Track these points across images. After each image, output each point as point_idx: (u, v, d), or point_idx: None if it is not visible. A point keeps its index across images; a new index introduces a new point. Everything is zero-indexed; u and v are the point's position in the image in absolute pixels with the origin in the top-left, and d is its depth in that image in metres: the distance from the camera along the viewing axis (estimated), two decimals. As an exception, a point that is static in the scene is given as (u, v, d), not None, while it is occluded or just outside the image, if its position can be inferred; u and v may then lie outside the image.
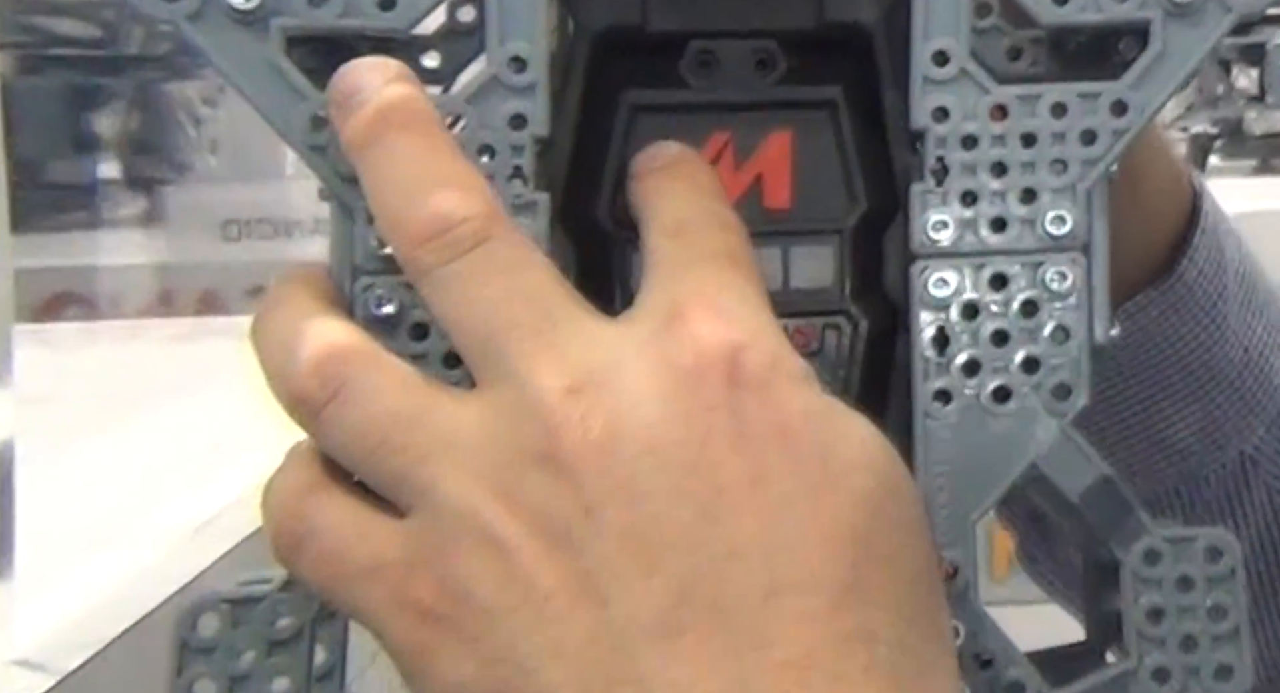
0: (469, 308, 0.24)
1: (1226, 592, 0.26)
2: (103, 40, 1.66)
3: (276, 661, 0.25)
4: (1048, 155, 0.27)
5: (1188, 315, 0.39)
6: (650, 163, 0.27)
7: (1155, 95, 0.27)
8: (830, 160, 0.28)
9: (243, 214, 1.65)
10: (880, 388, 0.28)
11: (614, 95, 0.28)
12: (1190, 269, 0.39)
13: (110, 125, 1.73)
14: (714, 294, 0.24)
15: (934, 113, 0.27)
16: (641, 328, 0.24)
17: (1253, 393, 0.40)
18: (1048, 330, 0.26)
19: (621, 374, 0.23)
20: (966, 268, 0.26)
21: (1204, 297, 0.39)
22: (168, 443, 0.88)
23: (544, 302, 0.24)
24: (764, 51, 0.28)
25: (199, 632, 0.25)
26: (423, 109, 0.24)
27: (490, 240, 0.24)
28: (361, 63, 0.25)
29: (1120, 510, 0.27)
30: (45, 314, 1.47)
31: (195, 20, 0.25)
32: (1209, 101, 2.12)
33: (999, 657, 0.26)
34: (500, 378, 0.23)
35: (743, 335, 0.24)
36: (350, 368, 0.24)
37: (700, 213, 0.26)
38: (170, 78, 1.71)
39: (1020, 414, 0.26)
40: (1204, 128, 2.13)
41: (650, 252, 0.25)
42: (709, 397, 0.23)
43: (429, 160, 0.24)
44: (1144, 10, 0.27)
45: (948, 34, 0.27)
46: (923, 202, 0.27)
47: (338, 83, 0.24)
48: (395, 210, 0.24)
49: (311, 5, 0.25)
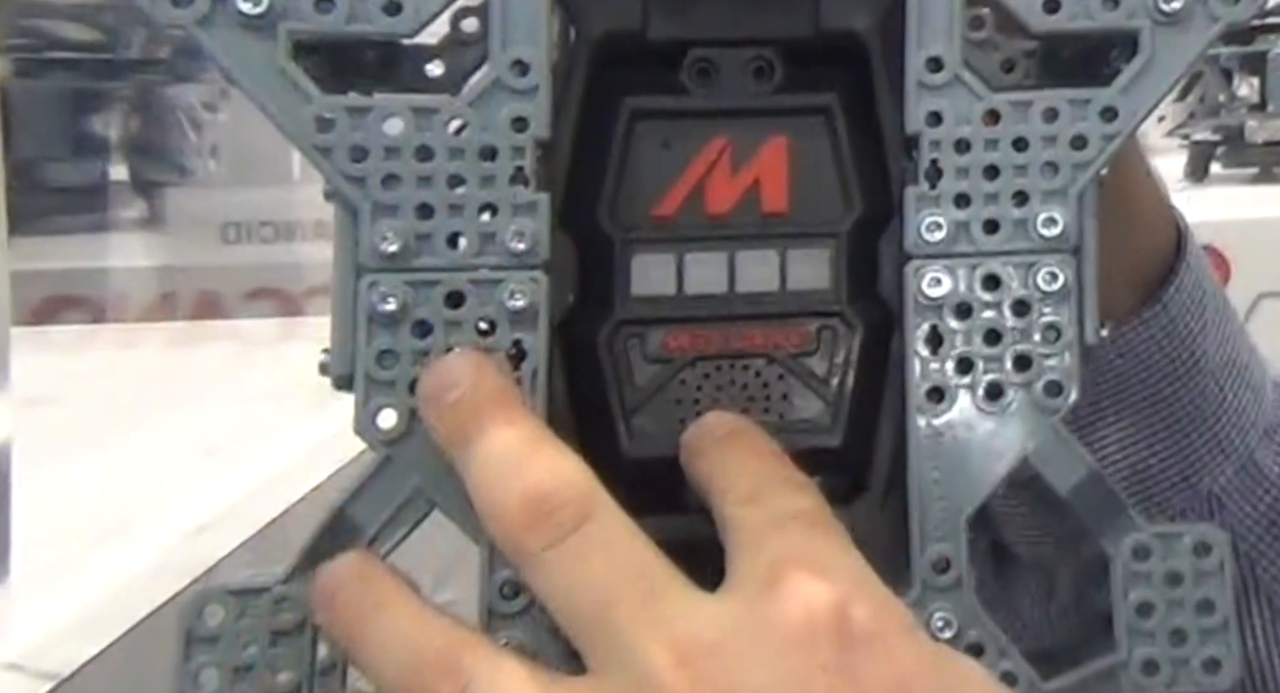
0: (575, 589, 0.24)
1: (1214, 586, 0.27)
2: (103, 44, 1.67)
3: (280, 651, 0.26)
4: (1039, 159, 0.27)
5: (1170, 346, 0.40)
6: (707, 437, 0.27)
7: (1144, 101, 0.28)
8: (827, 165, 0.29)
9: (242, 217, 1.66)
10: (876, 388, 0.29)
11: (614, 100, 0.29)
12: (1175, 298, 0.40)
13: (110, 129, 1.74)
14: (807, 553, 0.24)
15: (928, 117, 0.27)
16: (743, 594, 0.24)
17: (1226, 432, 0.41)
18: (1039, 329, 0.27)
19: (730, 642, 0.23)
20: (960, 268, 0.27)
21: (1186, 329, 0.40)
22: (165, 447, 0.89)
23: (647, 577, 0.24)
24: (762, 59, 0.29)
25: (204, 622, 0.26)
26: (513, 398, 0.25)
27: (590, 520, 0.24)
28: (451, 358, 0.25)
29: (1110, 507, 0.27)
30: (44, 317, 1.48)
31: (205, 25, 0.26)
32: (1211, 110, 2.13)
33: (990, 649, 0.26)
34: (611, 657, 0.24)
35: (845, 591, 0.24)
36: (472, 662, 0.24)
37: (771, 478, 0.26)
38: (171, 82, 1.71)
39: (1012, 411, 0.27)
40: (1205, 136, 2.14)
41: (728, 521, 0.26)
42: (821, 657, 0.23)
43: (524, 449, 0.25)
44: (1133, 19, 0.27)
45: (941, 41, 0.27)
46: (917, 204, 0.27)
47: (429, 378, 0.25)
48: (495, 499, 0.25)
49: (318, 10, 0.26)
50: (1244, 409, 0.41)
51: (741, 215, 0.28)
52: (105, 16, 1.67)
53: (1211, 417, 0.40)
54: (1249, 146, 2.09)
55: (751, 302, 0.29)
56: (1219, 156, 2.13)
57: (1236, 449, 0.41)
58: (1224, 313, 0.42)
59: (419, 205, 0.26)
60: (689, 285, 0.28)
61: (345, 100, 0.26)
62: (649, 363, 0.29)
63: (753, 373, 0.29)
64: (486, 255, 0.26)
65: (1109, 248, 0.28)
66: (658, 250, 0.28)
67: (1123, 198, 0.38)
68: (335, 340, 0.26)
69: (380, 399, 0.26)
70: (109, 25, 1.68)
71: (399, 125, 0.26)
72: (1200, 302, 0.40)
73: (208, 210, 1.67)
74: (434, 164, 0.26)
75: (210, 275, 1.60)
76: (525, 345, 0.26)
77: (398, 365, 0.26)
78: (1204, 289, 0.41)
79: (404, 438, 0.26)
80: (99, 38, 1.69)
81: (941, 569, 0.26)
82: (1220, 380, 0.41)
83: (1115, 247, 0.37)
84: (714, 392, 0.29)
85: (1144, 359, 0.40)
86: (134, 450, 0.87)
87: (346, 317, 0.26)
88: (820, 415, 0.29)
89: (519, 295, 0.26)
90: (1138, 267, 0.40)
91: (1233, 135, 2.10)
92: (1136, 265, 0.40)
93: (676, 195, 0.28)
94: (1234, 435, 0.41)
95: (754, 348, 0.29)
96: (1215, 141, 2.12)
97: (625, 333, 0.28)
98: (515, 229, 0.26)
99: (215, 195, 1.70)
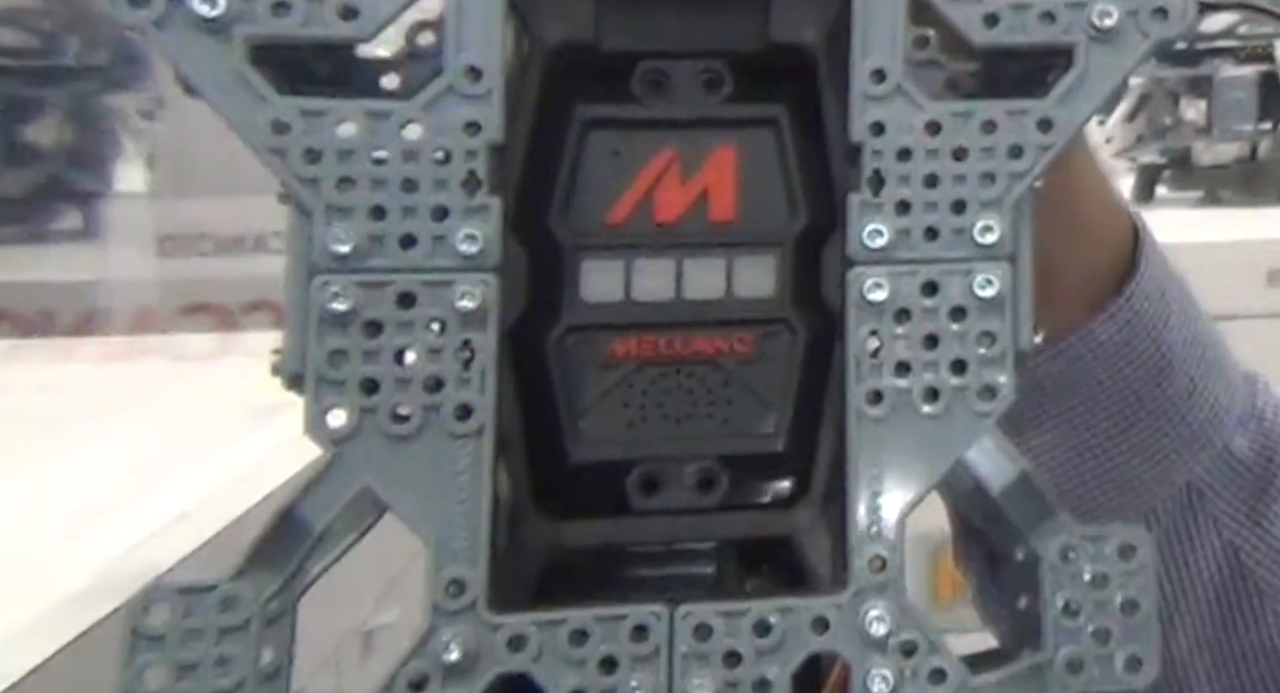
0: None
1: (1139, 587, 0.28)
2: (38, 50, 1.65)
3: (226, 650, 0.26)
4: (977, 169, 0.29)
5: (1136, 340, 0.41)
6: None
7: (1078, 113, 0.29)
8: (774, 175, 0.30)
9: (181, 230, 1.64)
10: (818, 393, 0.30)
11: (567, 109, 0.30)
12: (1137, 295, 0.41)
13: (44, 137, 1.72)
14: None
15: (871, 127, 0.29)
16: None
17: (1199, 423, 0.42)
18: (975, 334, 0.28)
19: None
20: (900, 275, 0.28)
21: (1150, 323, 0.41)
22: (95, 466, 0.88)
23: None
24: (712, 71, 0.30)
25: (150, 620, 0.26)
26: None
27: None
28: None
29: (1039, 508, 0.29)
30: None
31: (161, 26, 0.26)
32: (1157, 133, 2.17)
33: (922, 646, 0.27)
34: None
35: None
36: None
37: None
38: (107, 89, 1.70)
39: (948, 413, 0.28)
40: (1152, 158, 2.18)
41: None
42: None
43: None
44: (1068, 34, 0.29)
45: (885, 53, 0.29)
46: (860, 211, 0.28)
47: None
48: None
49: (275, 14, 0.26)
50: (1216, 400, 0.42)
51: (690, 223, 0.29)
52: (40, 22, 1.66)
53: (1184, 409, 0.42)
54: (1195, 169, 2.13)
55: (698, 308, 0.30)
56: (1165, 179, 2.18)
57: (1211, 440, 0.42)
58: (1189, 306, 0.43)
59: (372, 207, 0.27)
60: (637, 292, 0.29)
61: (301, 103, 0.27)
62: (596, 368, 0.30)
63: (698, 379, 0.30)
64: (438, 257, 0.27)
65: (1063, 253, 0.29)
66: (607, 257, 0.29)
67: (1073, 203, 0.39)
68: (288, 341, 0.27)
69: (330, 398, 0.26)
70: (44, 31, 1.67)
71: (353, 129, 0.27)
72: (1163, 297, 0.42)
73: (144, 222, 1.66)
74: (387, 167, 0.27)
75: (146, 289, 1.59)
76: (475, 345, 0.27)
77: (348, 365, 0.26)
78: (1166, 285, 0.42)
79: (353, 437, 0.26)
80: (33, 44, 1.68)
81: (878, 568, 0.27)
82: (1191, 373, 0.42)
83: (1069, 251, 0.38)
84: (660, 397, 0.30)
85: (1112, 356, 0.41)
86: (58, 468, 0.86)
87: (299, 317, 0.27)
88: (764, 421, 0.30)
89: (469, 297, 0.27)
90: (1095, 264, 0.41)
91: (1179, 158, 2.14)
92: (1094, 263, 0.41)
93: (626, 203, 0.29)
94: (1208, 427, 0.42)
95: (700, 354, 0.30)
96: (1162, 164, 2.16)
97: (574, 338, 0.29)
98: (467, 232, 0.27)
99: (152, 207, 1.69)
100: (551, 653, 0.26)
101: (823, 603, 0.27)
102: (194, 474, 0.83)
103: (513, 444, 0.29)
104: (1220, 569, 0.43)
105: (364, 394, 0.26)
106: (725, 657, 0.27)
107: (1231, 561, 0.43)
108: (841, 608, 0.27)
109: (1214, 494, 0.42)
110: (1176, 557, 0.43)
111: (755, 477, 0.31)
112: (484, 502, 0.27)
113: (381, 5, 0.27)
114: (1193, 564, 0.43)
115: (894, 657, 0.27)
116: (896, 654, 0.27)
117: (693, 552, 0.30)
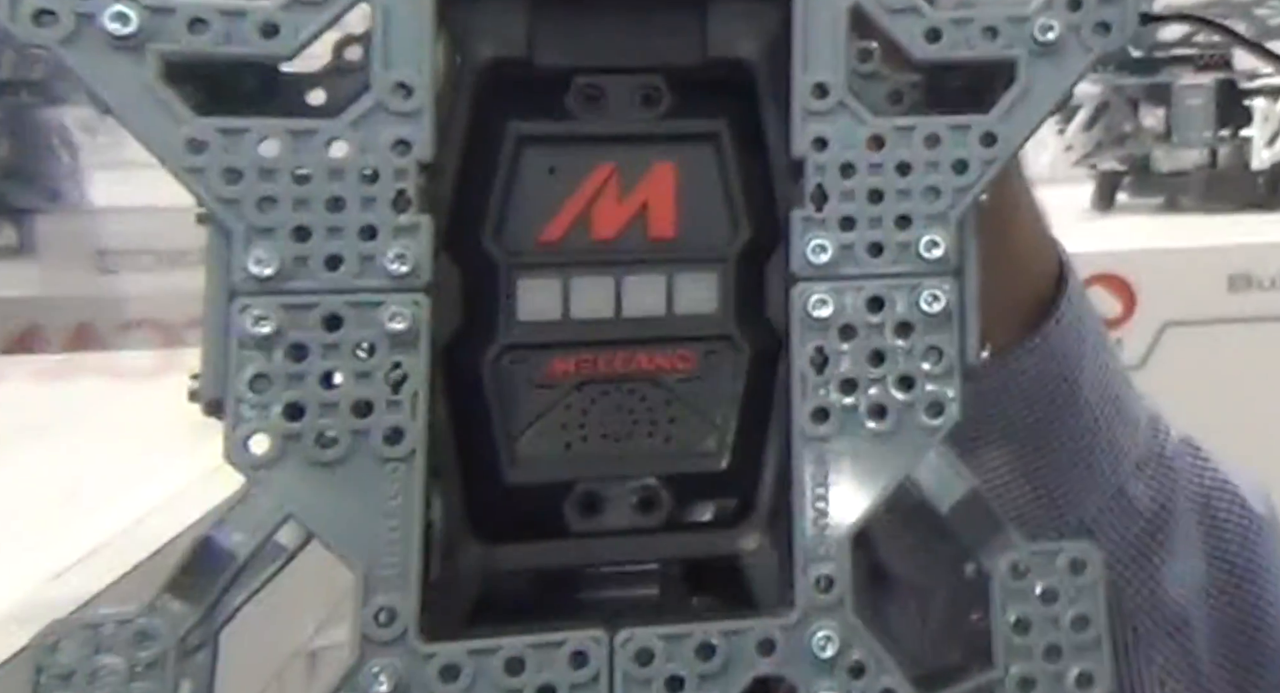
0: None
1: (1089, 603, 0.28)
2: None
3: (140, 687, 0.26)
4: (922, 183, 0.29)
5: (1049, 376, 0.42)
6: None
7: (1021, 127, 0.29)
8: (714, 190, 0.30)
9: (119, 245, 1.63)
10: (763, 411, 0.30)
11: (501, 126, 0.29)
12: (1056, 330, 0.42)
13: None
14: None
15: (814, 142, 0.29)
16: None
17: (1099, 463, 0.43)
18: (922, 350, 0.28)
19: None
20: (845, 290, 0.28)
21: (1064, 361, 0.42)
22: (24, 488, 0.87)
23: None
24: (649, 86, 0.30)
25: (58, 658, 0.25)
26: None
27: None
28: None
29: (988, 525, 0.29)
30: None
31: (69, 45, 0.26)
32: (1117, 139, 2.20)
33: (871, 666, 0.27)
34: None
35: None
36: None
37: None
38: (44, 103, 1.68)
39: (895, 430, 0.28)
40: (1112, 165, 2.21)
41: None
42: None
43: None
44: (1011, 48, 0.29)
45: (826, 68, 0.29)
46: (803, 226, 0.28)
47: None
48: None
49: (191, 31, 0.26)
50: (1117, 441, 0.43)
51: (628, 240, 0.29)
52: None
53: (1086, 448, 0.42)
54: (1155, 176, 2.16)
55: (638, 326, 0.29)
56: (1126, 186, 2.21)
57: (1109, 480, 0.43)
58: (1102, 346, 0.44)
59: (295, 228, 0.26)
60: (575, 310, 0.29)
61: (219, 122, 0.26)
62: (534, 388, 0.29)
63: (639, 397, 0.30)
64: (366, 278, 0.27)
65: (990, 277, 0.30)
66: (544, 275, 0.29)
67: (1004, 228, 0.40)
68: (205, 365, 0.27)
69: (252, 424, 0.26)
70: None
71: (275, 147, 0.26)
72: (1080, 335, 0.42)
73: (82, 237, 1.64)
74: (311, 186, 0.26)
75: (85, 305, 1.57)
76: (405, 368, 0.27)
77: (271, 389, 0.26)
78: (1084, 323, 0.43)
79: (276, 463, 0.26)
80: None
81: (824, 588, 0.27)
82: (1096, 412, 0.43)
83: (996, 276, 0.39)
84: (600, 416, 0.29)
85: (1025, 389, 0.41)
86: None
87: (217, 341, 0.26)
88: (707, 439, 0.30)
89: (399, 318, 0.26)
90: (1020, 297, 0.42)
91: (1139, 165, 2.17)
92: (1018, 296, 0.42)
93: (563, 220, 0.29)
94: (1107, 467, 0.43)
95: (641, 372, 0.30)
96: (1122, 171, 2.19)
97: (510, 358, 0.29)
98: (396, 252, 0.27)
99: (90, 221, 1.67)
100: (486, 683, 0.26)
101: (768, 624, 0.27)
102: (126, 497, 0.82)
103: (446, 467, 0.29)
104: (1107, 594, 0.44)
105: (288, 419, 0.26)
106: (668, 682, 0.27)
107: (1111, 601, 0.44)
108: (788, 629, 0.27)
109: (1103, 535, 0.43)
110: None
111: (698, 496, 0.30)
112: (415, 527, 0.26)
113: (303, 22, 0.26)
114: None
115: (842, 678, 0.27)
116: (845, 675, 0.27)
117: (635, 574, 0.30)
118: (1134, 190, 2.20)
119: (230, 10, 0.26)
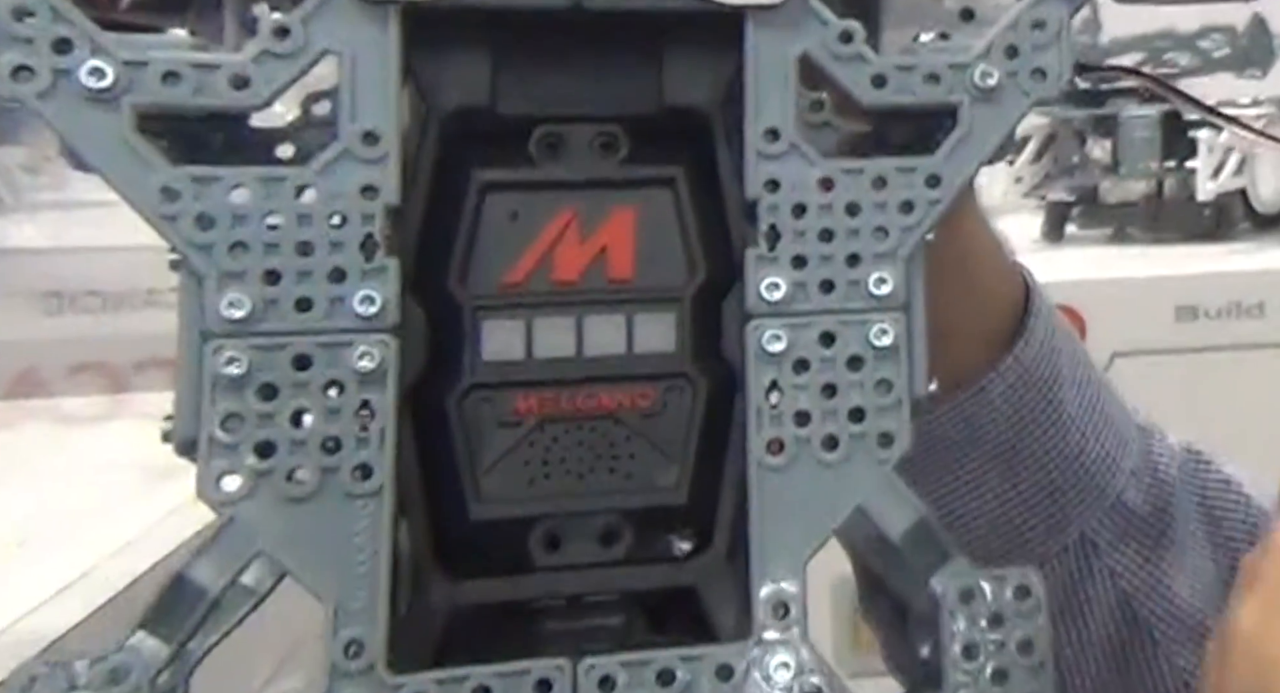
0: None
1: (1034, 627, 0.30)
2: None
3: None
4: (870, 223, 0.30)
5: (1027, 396, 0.43)
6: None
7: (965, 168, 0.31)
8: (671, 233, 0.31)
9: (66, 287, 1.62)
10: (720, 446, 0.31)
11: (465, 172, 0.31)
12: (1026, 351, 0.43)
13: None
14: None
15: (766, 184, 0.30)
16: None
17: (1092, 476, 0.44)
18: (872, 383, 0.30)
19: None
20: (798, 326, 0.30)
21: (1041, 380, 0.43)
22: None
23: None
24: (608, 134, 0.31)
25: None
26: None
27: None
28: None
29: (937, 552, 0.30)
30: None
31: (46, 99, 0.27)
32: (1065, 171, 2.24)
33: (825, 690, 0.28)
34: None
35: None
36: None
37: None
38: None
39: (848, 461, 0.29)
40: (1061, 196, 2.25)
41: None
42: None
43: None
44: (953, 94, 0.31)
45: (777, 113, 0.30)
46: (756, 265, 0.30)
47: None
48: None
49: (165, 83, 0.27)
50: (1108, 453, 0.44)
51: (589, 282, 0.31)
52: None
53: (1077, 463, 0.43)
54: (1103, 207, 2.20)
55: (599, 364, 0.31)
56: (1074, 217, 2.24)
57: (1104, 492, 0.44)
58: (1080, 362, 0.45)
59: (266, 271, 0.27)
60: (538, 350, 0.30)
61: (192, 170, 0.27)
62: (499, 426, 0.30)
63: (600, 434, 0.31)
64: (335, 319, 0.28)
65: (954, 307, 0.31)
66: (507, 316, 0.30)
67: (965, 264, 0.41)
68: (179, 406, 0.28)
69: (224, 462, 0.27)
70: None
71: (246, 195, 0.27)
72: (1053, 353, 0.44)
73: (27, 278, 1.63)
74: (281, 231, 0.27)
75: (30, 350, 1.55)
76: (374, 406, 0.28)
77: (243, 428, 0.27)
78: (1056, 341, 0.44)
79: (247, 500, 0.27)
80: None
81: (781, 616, 0.29)
82: (1083, 426, 0.44)
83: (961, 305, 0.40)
84: (562, 453, 0.31)
85: (1005, 411, 0.43)
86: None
87: (191, 383, 0.27)
88: (666, 474, 0.31)
89: (368, 358, 0.28)
90: (987, 324, 0.43)
91: (1087, 196, 2.21)
92: (987, 325, 0.43)
93: (526, 263, 0.30)
94: (1101, 479, 0.44)
95: (602, 409, 0.31)
96: (1070, 202, 2.23)
97: (475, 397, 0.30)
98: (364, 294, 0.28)
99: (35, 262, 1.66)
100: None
101: (727, 651, 0.28)
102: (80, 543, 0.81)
103: (413, 503, 0.30)
104: (1115, 620, 0.45)
105: (259, 457, 0.27)
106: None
107: (1126, 611, 0.45)
108: (745, 656, 0.28)
109: (1108, 546, 0.44)
110: (1072, 607, 0.44)
111: (659, 529, 0.32)
112: (383, 562, 0.27)
113: (273, 73, 0.27)
114: (1088, 615, 0.45)
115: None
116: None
117: (599, 604, 0.31)
118: (1083, 221, 2.23)
119: (202, 63, 0.27)
